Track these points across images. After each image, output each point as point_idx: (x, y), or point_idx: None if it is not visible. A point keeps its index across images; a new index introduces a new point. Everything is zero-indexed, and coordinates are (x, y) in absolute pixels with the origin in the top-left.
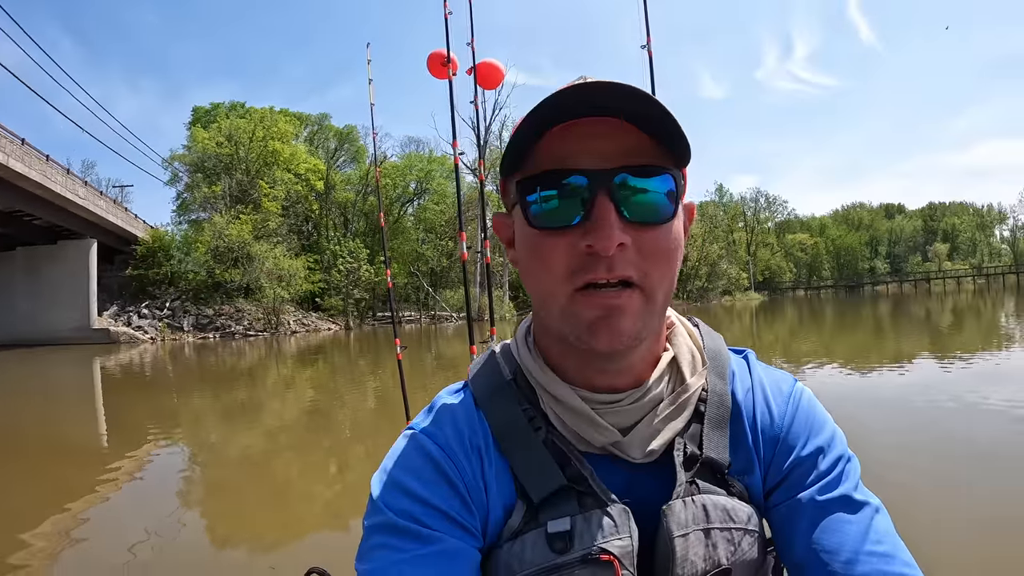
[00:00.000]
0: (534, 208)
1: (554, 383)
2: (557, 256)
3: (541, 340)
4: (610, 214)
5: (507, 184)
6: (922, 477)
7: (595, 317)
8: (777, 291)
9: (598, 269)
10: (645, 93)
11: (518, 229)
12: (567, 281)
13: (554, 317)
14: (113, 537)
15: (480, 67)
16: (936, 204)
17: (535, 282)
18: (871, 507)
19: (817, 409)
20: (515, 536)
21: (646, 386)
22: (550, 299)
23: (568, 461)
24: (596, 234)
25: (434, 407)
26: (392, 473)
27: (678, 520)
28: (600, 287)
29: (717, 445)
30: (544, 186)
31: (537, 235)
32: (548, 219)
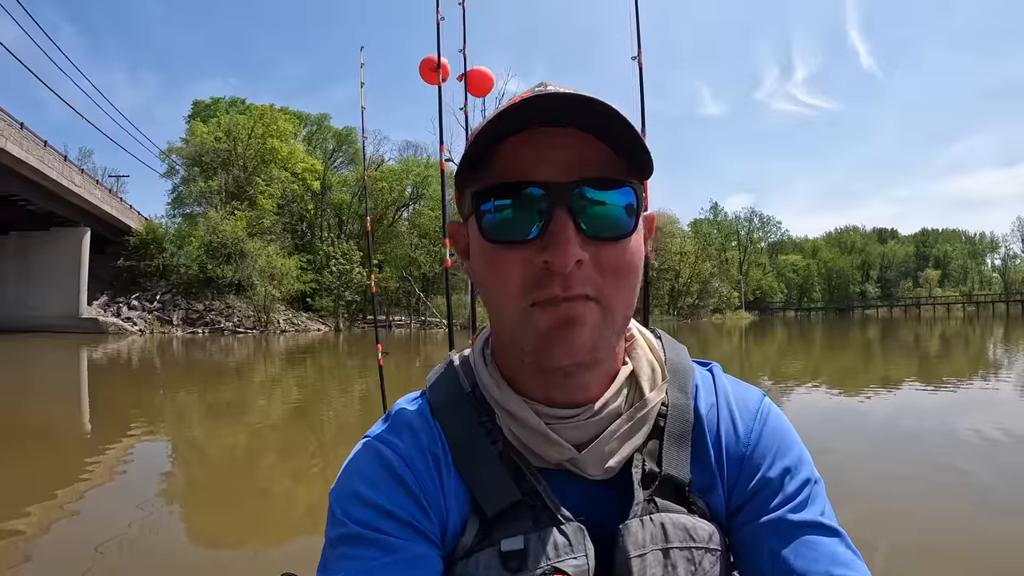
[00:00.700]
0: (488, 220)
1: (508, 398)
2: (512, 271)
3: (498, 353)
4: (567, 229)
5: (462, 195)
6: (890, 499)
7: (550, 327)
8: (767, 311)
9: (553, 286)
10: (603, 103)
11: (473, 241)
12: (521, 297)
13: (508, 330)
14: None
15: (471, 74)
16: (929, 230)
17: (489, 296)
18: (838, 533)
19: (785, 427)
20: (468, 555)
21: (602, 401)
22: (505, 313)
23: (523, 476)
24: (553, 250)
25: (391, 415)
26: (350, 483)
27: (635, 540)
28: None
29: (677, 462)
30: (499, 198)
31: (492, 248)
32: (503, 233)
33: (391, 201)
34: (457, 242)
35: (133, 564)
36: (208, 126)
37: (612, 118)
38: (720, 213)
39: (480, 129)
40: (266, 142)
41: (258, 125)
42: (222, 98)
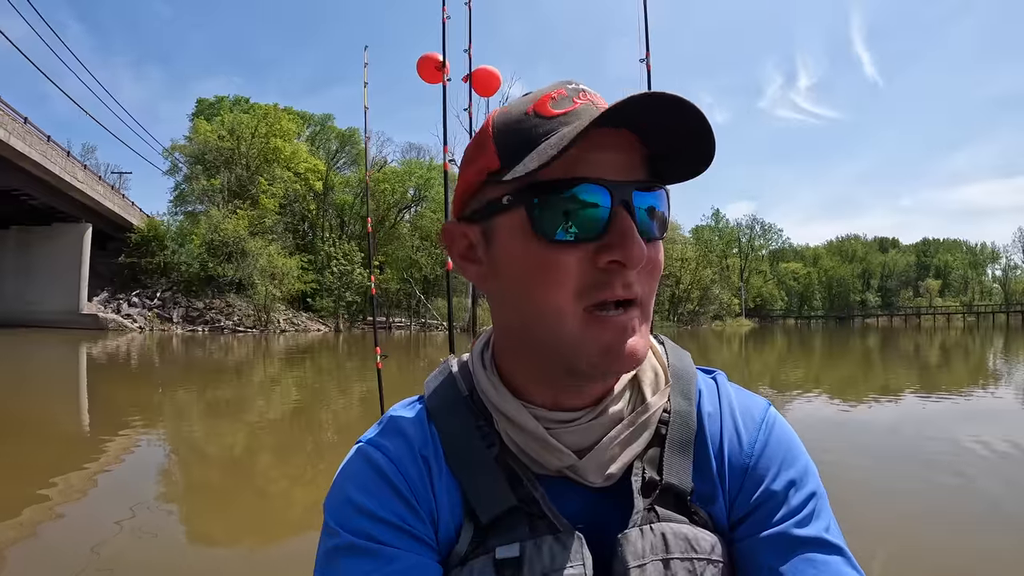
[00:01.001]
0: (545, 216)
1: (506, 401)
2: (570, 271)
3: (504, 358)
4: (633, 228)
5: (485, 187)
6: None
7: (611, 340)
8: (768, 319)
9: (615, 287)
10: (705, 120)
11: (508, 239)
12: (578, 299)
13: (560, 341)
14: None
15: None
16: (930, 240)
17: (534, 300)
18: (841, 552)
19: (791, 438)
20: (463, 562)
21: (604, 404)
22: (555, 320)
23: (520, 482)
24: (626, 249)
25: (385, 420)
26: (343, 491)
27: (634, 550)
28: (609, 308)
29: (679, 470)
30: (560, 193)
31: (545, 247)
32: (564, 229)
33: (393, 203)
34: (454, 243)
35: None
36: (212, 124)
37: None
38: (722, 220)
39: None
40: (269, 141)
41: (261, 124)
42: (226, 97)
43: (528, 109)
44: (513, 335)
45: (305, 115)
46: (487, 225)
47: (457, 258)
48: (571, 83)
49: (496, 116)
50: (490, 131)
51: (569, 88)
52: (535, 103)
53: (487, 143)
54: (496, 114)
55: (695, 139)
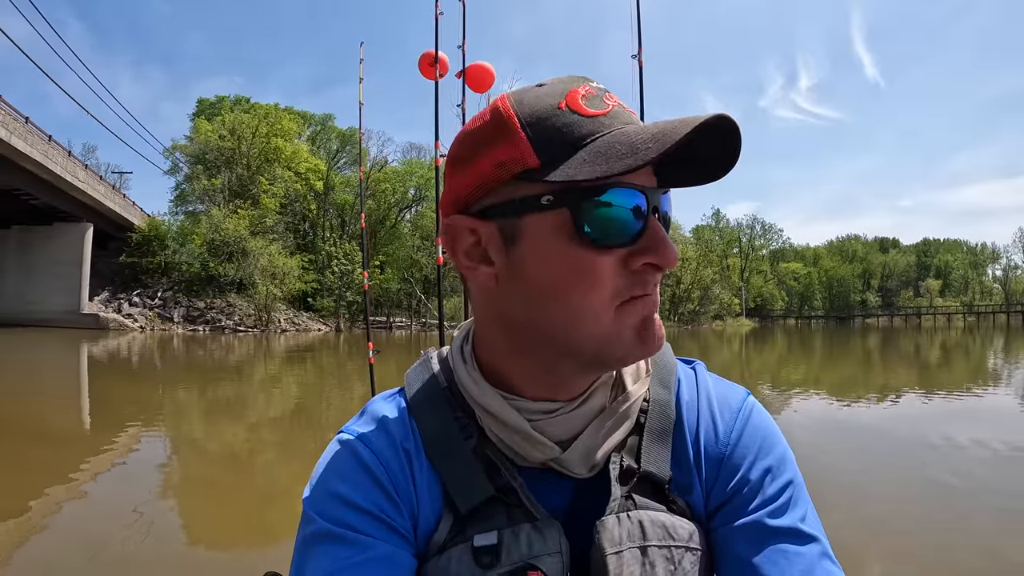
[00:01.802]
0: (587, 219)
1: (486, 394)
2: (607, 275)
3: (492, 354)
4: (665, 232)
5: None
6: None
7: (639, 324)
8: (768, 318)
9: (648, 286)
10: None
11: (540, 239)
12: (613, 300)
13: (593, 339)
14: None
15: (470, 69)
16: (930, 240)
17: (567, 302)
18: (819, 543)
19: (768, 426)
20: (441, 550)
21: (586, 394)
22: (593, 320)
23: (498, 472)
24: (663, 252)
25: (366, 411)
26: (322, 479)
27: (611, 537)
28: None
29: (657, 458)
30: (602, 196)
31: (583, 249)
32: (606, 233)
33: (393, 202)
34: (459, 241)
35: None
36: (212, 124)
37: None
38: (722, 220)
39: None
40: (270, 141)
41: (262, 124)
42: (227, 96)
43: (560, 104)
44: (522, 333)
45: (306, 115)
46: (510, 223)
47: (462, 256)
48: (591, 80)
49: (518, 105)
50: (515, 121)
51: (594, 86)
52: (566, 98)
53: (514, 135)
54: (514, 102)
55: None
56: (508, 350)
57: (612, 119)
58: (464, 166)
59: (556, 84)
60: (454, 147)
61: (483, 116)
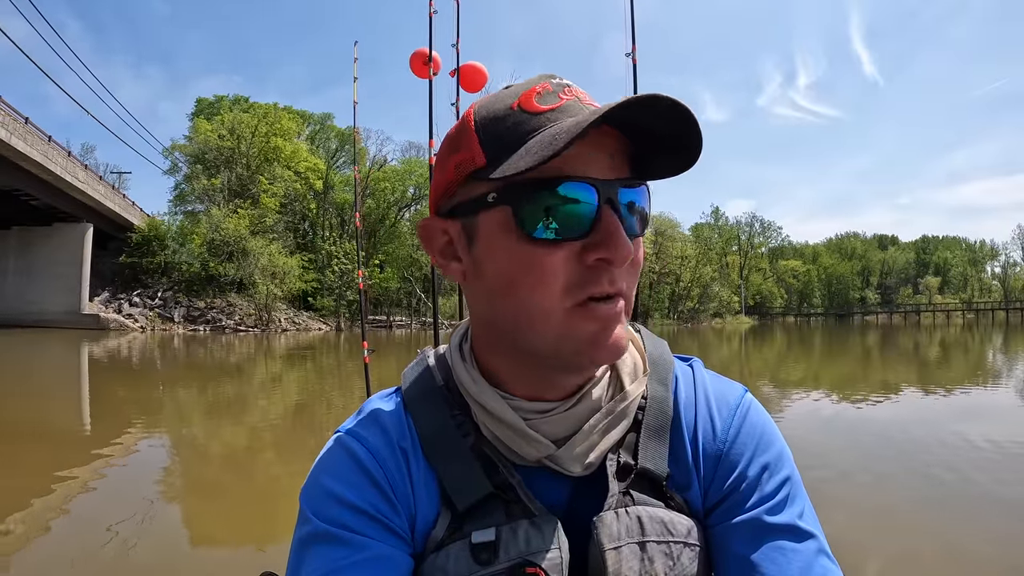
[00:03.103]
0: (531, 215)
1: (485, 393)
2: (557, 270)
3: (483, 350)
4: (619, 226)
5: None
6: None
7: (597, 330)
8: (767, 316)
9: (602, 282)
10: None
11: (492, 237)
12: (566, 296)
13: (543, 337)
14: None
15: (464, 69)
16: (929, 237)
17: (518, 298)
18: (816, 539)
19: (765, 423)
20: (439, 547)
21: (581, 393)
22: (542, 317)
23: (496, 469)
24: (612, 247)
25: (363, 410)
26: (319, 479)
27: (609, 532)
28: (598, 300)
29: (654, 455)
30: (546, 191)
31: (530, 245)
32: (550, 228)
33: (393, 201)
34: (433, 240)
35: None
36: (212, 124)
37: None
38: (721, 218)
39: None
40: (269, 140)
41: (262, 124)
42: (226, 96)
43: (513, 104)
44: (494, 330)
45: (305, 114)
46: (469, 222)
47: (436, 255)
48: (555, 77)
49: (478, 109)
50: (472, 125)
51: (554, 83)
52: (520, 98)
53: (470, 138)
54: (477, 107)
55: (683, 140)
56: (490, 348)
57: (561, 113)
58: (438, 169)
59: (520, 85)
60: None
61: (457, 122)
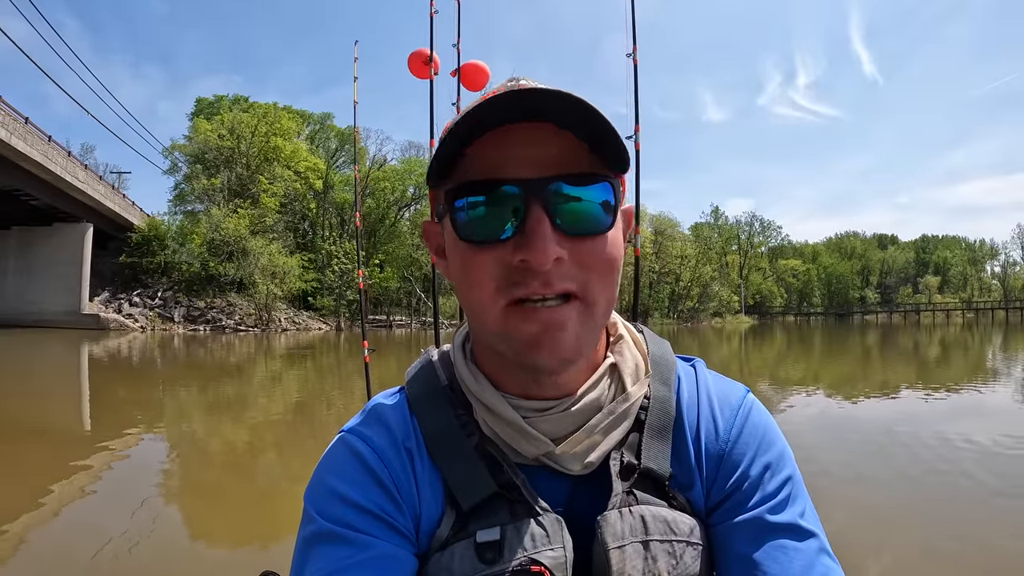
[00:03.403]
0: (462, 219)
1: (485, 391)
2: (487, 271)
3: (480, 351)
4: (544, 226)
5: (436, 193)
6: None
7: (534, 333)
8: (767, 315)
9: (532, 284)
10: (579, 98)
11: (448, 241)
12: (498, 296)
13: (488, 334)
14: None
15: (465, 68)
16: (929, 237)
17: (466, 296)
18: (817, 538)
19: (767, 423)
20: (444, 547)
21: (580, 393)
22: (482, 315)
23: (500, 469)
24: (530, 249)
25: (368, 410)
26: (324, 479)
27: (613, 531)
28: (536, 302)
29: (657, 455)
30: (473, 196)
31: (466, 248)
32: (477, 232)
33: (393, 201)
34: (430, 241)
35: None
36: (211, 124)
37: (588, 112)
38: (721, 217)
39: (453, 127)
40: (269, 140)
41: (261, 123)
42: (225, 96)
43: (467, 111)
44: (473, 329)
45: (304, 114)
46: (443, 225)
47: (435, 254)
48: (515, 79)
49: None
50: (445, 133)
51: (508, 84)
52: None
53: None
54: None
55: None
56: (478, 347)
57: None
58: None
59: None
60: None
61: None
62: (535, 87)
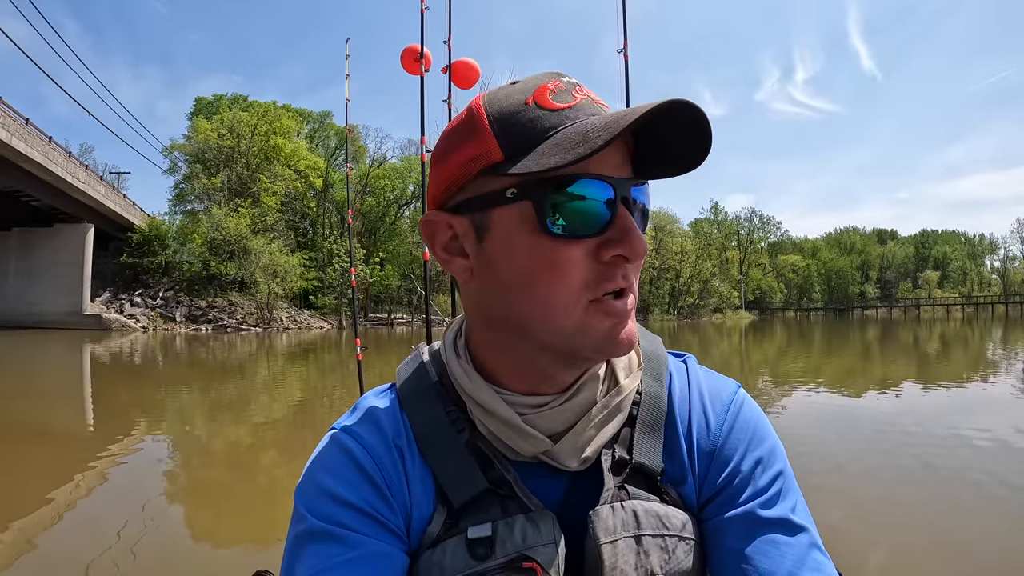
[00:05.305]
0: (552, 211)
1: (479, 388)
2: (575, 266)
3: (481, 347)
4: (634, 223)
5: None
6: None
7: (612, 325)
8: (767, 311)
9: (617, 278)
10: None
11: (508, 232)
12: (585, 292)
13: (563, 332)
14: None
15: (456, 65)
16: (928, 231)
17: (535, 294)
18: (808, 533)
19: (759, 419)
20: (435, 543)
21: (576, 388)
22: (562, 313)
23: (491, 465)
24: (628, 243)
25: (358, 407)
26: (314, 476)
27: (605, 526)
28: (613, 296)
29: (649, 450)
30: (567, 188)
31: (549, 241)
32: (570, 225)
33: (393, 199)
34: (436, 235)
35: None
36: (211, 123)
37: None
38: (720, 213)
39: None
40: (269, 139)
41: (261, 122)
42: (224, 95)
43: (527, 100)
44: (502, 325)
45: (304, 112)
46: (480, 217)
47: (439, 250)
48: (563, 75)
49: (488, 104)
50: (486, 119)
51: (565, 81)
52: (534, 94)
53: (483, 132)
54: (486, 101)
55: (695, 144)
56: (491, 344)
57: (577, 111)
58: (441, 163)
59: (529, 81)
60: (436, 145)
61: (460, 115)
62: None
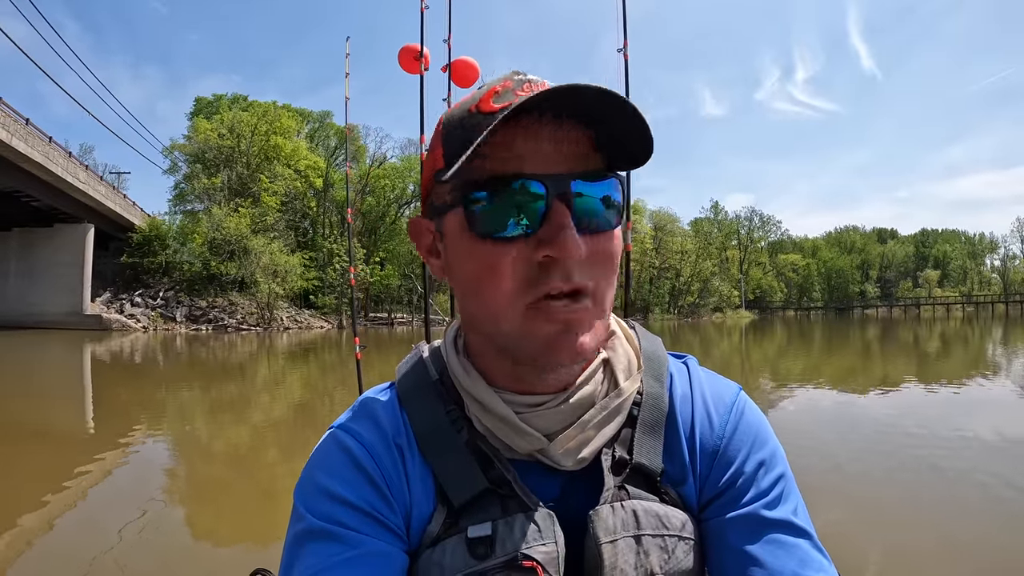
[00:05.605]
0: (480, 214)
1: (477, 386)
2: (507, 268)
3: (474, 347)
4: (568, 221)
5: (436, 186)
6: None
7: (554, 332)
8: (767, 310)
9: (554, 279)
10: (624, 99)
11: (454, 237)
12: (520, 295)
13: (506, 336)
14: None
15: (456, 64)
16: (928, 231)
17: (480, 297)
18: (808, 535)
19: (760, 421)
20: (435, 543)
21: (573, 388)
22: (500, 315)
23: (491, 464)
24: (558, 243)
25: (358, 406)
26: (313, 475)
27: (605, 526)
28: (554, 299)
29: (649, 451)
30: (494, 190)
31: (483, 245)
32: (498, 227)
33: (393, 198)
34: (421, 238)
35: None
36: (211, 123)
37: (624, 112)
38: (721, 212)
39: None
40: (269, 139)
41: (261, 122)
42: (224, 95)
43: (472, 107)
44: (470, 326)
45: (304, 112)
46: (439, 222)
47: (424, 252)
48: (519, 74)
49: (447, 114)
50: (440, 130)
51: (515, 80)
52: (480, 99)
53: (437, 143)
54: (448, 112)
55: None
56: (473, 343)
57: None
58: (423, 169)
59: (486, 85)
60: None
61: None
62: (587, 85)
